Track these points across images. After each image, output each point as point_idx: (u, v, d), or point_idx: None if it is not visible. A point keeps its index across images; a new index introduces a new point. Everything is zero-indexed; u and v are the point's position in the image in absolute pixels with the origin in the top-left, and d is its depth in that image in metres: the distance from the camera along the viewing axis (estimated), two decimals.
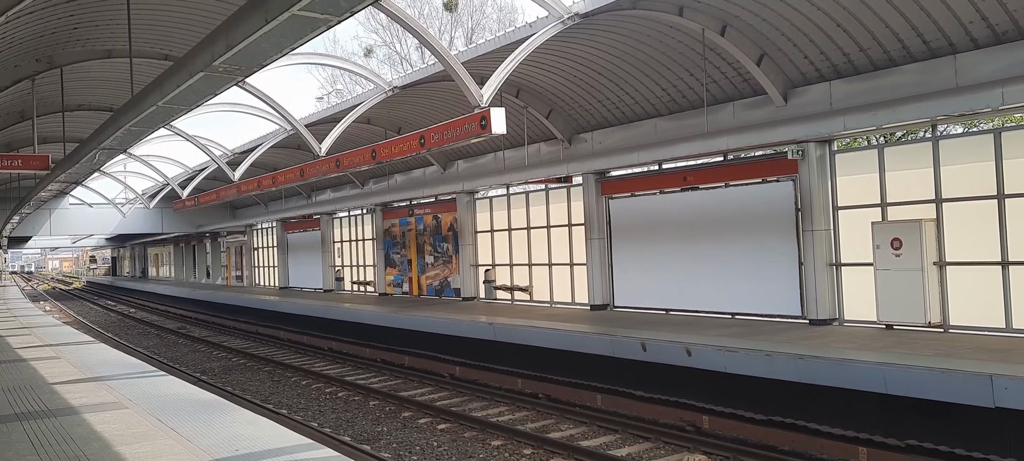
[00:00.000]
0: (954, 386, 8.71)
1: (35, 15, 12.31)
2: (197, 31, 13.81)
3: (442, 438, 10.48)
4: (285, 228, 34.71)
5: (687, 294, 15.89)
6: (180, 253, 53.96)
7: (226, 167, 24.64)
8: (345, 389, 14.14)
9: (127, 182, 37.40)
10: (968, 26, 10.95)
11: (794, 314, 13.88)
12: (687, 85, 15.10)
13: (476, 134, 12.72)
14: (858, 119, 11.98)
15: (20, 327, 19.67)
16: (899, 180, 12.55)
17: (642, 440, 10.00)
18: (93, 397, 9.35)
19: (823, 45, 12.58)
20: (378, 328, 19.90)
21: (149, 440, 7.09)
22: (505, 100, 17.14)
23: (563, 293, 19.22)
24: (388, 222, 26.56)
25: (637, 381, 12.53)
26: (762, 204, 14.55)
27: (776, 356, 10.54)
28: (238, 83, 9.41)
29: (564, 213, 19.18)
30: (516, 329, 15.24)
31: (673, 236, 16.23)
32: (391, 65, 41.98)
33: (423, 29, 13.28)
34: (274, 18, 6.07)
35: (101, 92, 18.97)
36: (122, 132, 12.14)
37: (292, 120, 18.84)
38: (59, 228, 40.20)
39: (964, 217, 11.73)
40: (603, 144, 17.52)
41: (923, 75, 11.74)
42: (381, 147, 16.87)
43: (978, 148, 11.68)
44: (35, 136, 17.31)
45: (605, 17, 13.47)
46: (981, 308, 11.50)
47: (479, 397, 12.93)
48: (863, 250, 12.73)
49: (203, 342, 22.58)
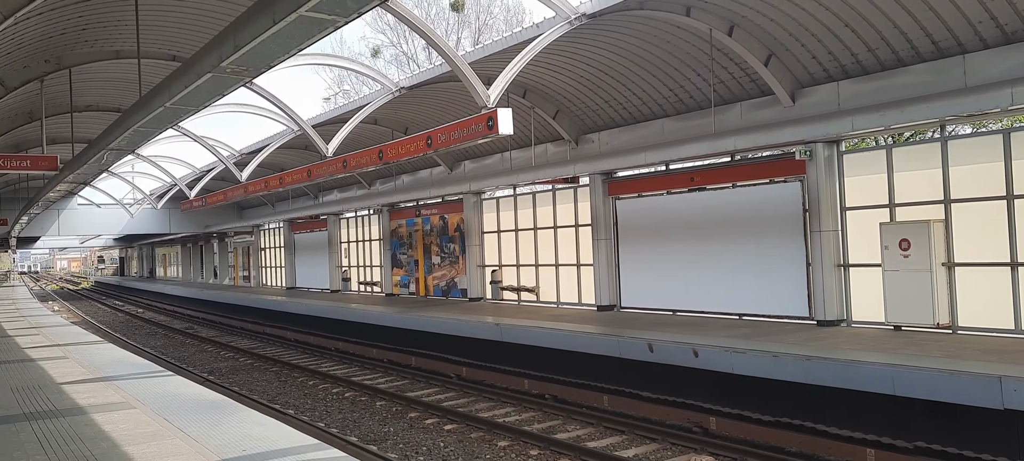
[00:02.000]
0: (963, 388, 8.67)
1: (44, 16, 12.37)
2: (205, 32, 13.86)
3: (449, 438, 10.48)
4: (292, 228, 34.80)
5: (694, 295, 15.86)
6: (187, 253, 54.15)
7: (233, 168, 24.74)
8: (352, 389, 14.15)
9: (135, 182, 37.57)
10: (977, 26, 10.89)
11: (802, 315, 13.84)
12: (694, 85, 15.07)
13: (483, 135, 12.72)
14: (866, 119, 11.94)
15: (28, 327, 19.77)
16: (907, 181, 12.50)
17: (649, 441, 9.98)
18: (101, 397, 9.38)
19: (831, 45, 12.54)
20: (385, 328, 19.92)
21: (157, 440, 7.12)
22: (512, 100, 17.15)
23: (570, 294, 19.21)
24: (395, 222, 26.60)
25: (644, 382, 12.51)
26: (770, 205, 14.50)
27: (784, 357, 10.50)
28: (246, 84, 9.43)
29: (571, 214, 19.17)
30: (523, 330, 15.24)
31: (680, 237, 16.20)
32: (398, 65, 42.07)
33: (430, 30, 13.30)
34: (282, 19, 6.09)
35: (109, 93, 19.05)
36: (130, 133, 12.21)
37: (299, 121, 18.88)
38: (67, 228, 40.37)
39: (973, 218, 11.67)
40: (610, 145, 17.50)
41: (932, 75, 11.69)
42: (388, 148, 16.89)
43: (987, 148, 11.63)
44: (44, 137, 17.39)
45: (612, 17, 13.46)
46: (990, 309, 11.44)
47: (486, 398, 12.93)
48: (871, 251, 12.68)
49: (210, 342, 22.64)
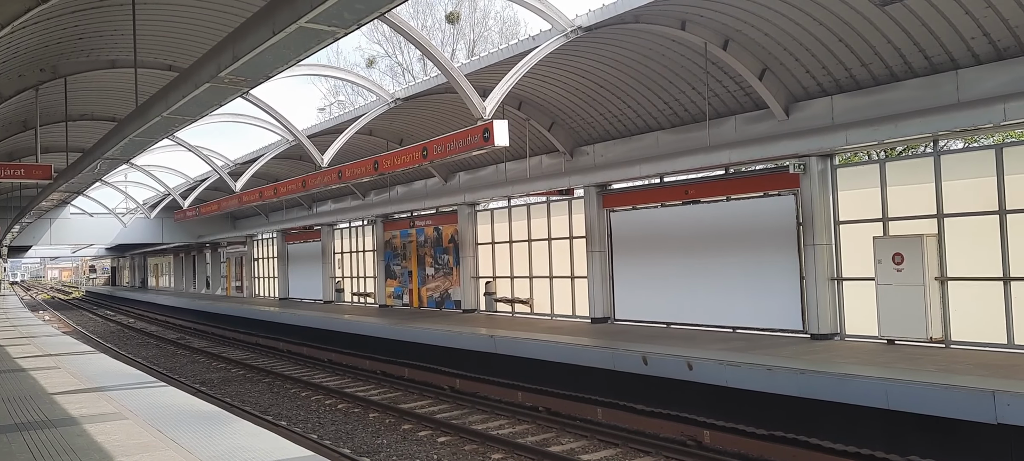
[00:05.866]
0: (956, 402, 8.70)
1: (40, 25, 12.36)
2: (201, 42, 13.87)
3: (442, 451, 10.44)
4: (285, 239, 34.72)
5: (688, 308, 15.87)
6: (180, 263, 53.94)
7: (228, 177, 24.70)
8: (345, 401, 14.10)
9: (128, 192, 37.46)
10: (970, 42, 10.99)
11: (795, 328, 13.87)
12: (689, 99, 15.14)
13: (479, 146, 12.75)
14: (860, 133, 12.02)
15: (20, 336, 19.64)
16: (901, 195, 12.57)
17: (643, 454, 9.97)
18: (93, 407, 9.33)
19: (825, 59, 12.63)
20: (378, 340, 19.87)
21: (150, 451, 7.07)
22: (507, 112, 17.19)
23: (564, 306, 19.20)
24: (389, 233, 26.57)
25: (638, 395, 12.50)
26: (763, 218, 14.56)
27: (777, 370, 10.52)
28: (243, 94, 9.43)
29: (565, 226, 19.19)
30: (517, 342, 15.22)
31: (674, 249, 16.23)
32: (393, 76, 42.12)
33: (427, 41, 13.35)
34: (282, 30, 6.10)
35: (105, 102, 19.01)
36: (126, 142, 12.18)
37: (294, 131, 18.88)
38: (59, 237, 40.19)
39: (966, 232, 11.74)
40: (605, 157, 17.55)
41: (925, 90, 11.78)
42: (384, 158, 16.90)
43: (980, 163, 11.70)
44: (38, 146, 17.32)
45: (608, 31, 13.53)
46: (982, 324, 11.49)
47: (479, 410, 12.89)
48: (864, 265, 12.73)
49: (202, 353, 22.53)
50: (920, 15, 10.96)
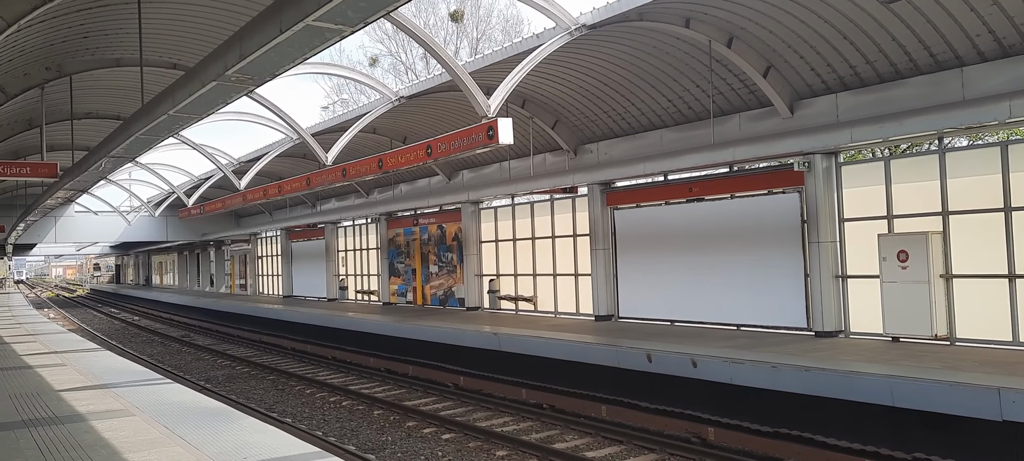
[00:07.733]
0: (961, 399, 8.69)
1: (46, 24, 12.40)
2: (206, 41, 13.91)
3: (447, 448, 10.47)
4: (289, 237, 34.77)
5: (692, 305, 15.87)
6: (184, 261, 54.04)
7: (232, 176, 24.74)
8: (349, 398, 14.13)
9: (133, 190, 37.53)
10: (975, 39, 10.98)
11: (800, 326, 13.86)
12: (693, 96, 15.14)
13: (483, 144, 12.76)
14: (865, 131, 12.01)
15: (25, 334, 19.71)
16: (905, 192, 12.56)
17: (647, 451, 9.99)
18: (100, 404, 9.36)
19: (830, 57, 12.62)
20: (382, 337, 19.90)
21: (157, 448, 7.10)
22: (511, 110, 17.20)
23: (568, 304, 19.21)
24: (393, 231, 26.60)
25: (642, 392, 12.51)
26: (768, 215, 14.55)
27: (782, 368, 10.52)
28: (249, 93, 9.46)
29: (569, 223, 19.20)
30: (520, 339, 15.24)
31: (678, 247, 16.23)
32: (396, 75, 42.17)
33: (431, 39, 13.34)
34: (289, 28, 6.12)
35: (110, 100, 19.07)
36: (131, 140, 12.22)
37: (299, 129, 18.92)
38: (64, 235, 40.30)
39: (971, 230, 11.73)
40: (609, 155, 17.55)
41: (930, 88, 11.77)
42: (388, 156, 16.92)
43: (985, 161, 11.69)
44: (43, 144, 17.39)
45: (612, 29, 13.53)
46: (988, 321, 11.48)
47: (484, 407, 12.92)
48: (869, 262, 12.72)
49: (207, 350, 22.59)
50: (925, 13, 10.95)
